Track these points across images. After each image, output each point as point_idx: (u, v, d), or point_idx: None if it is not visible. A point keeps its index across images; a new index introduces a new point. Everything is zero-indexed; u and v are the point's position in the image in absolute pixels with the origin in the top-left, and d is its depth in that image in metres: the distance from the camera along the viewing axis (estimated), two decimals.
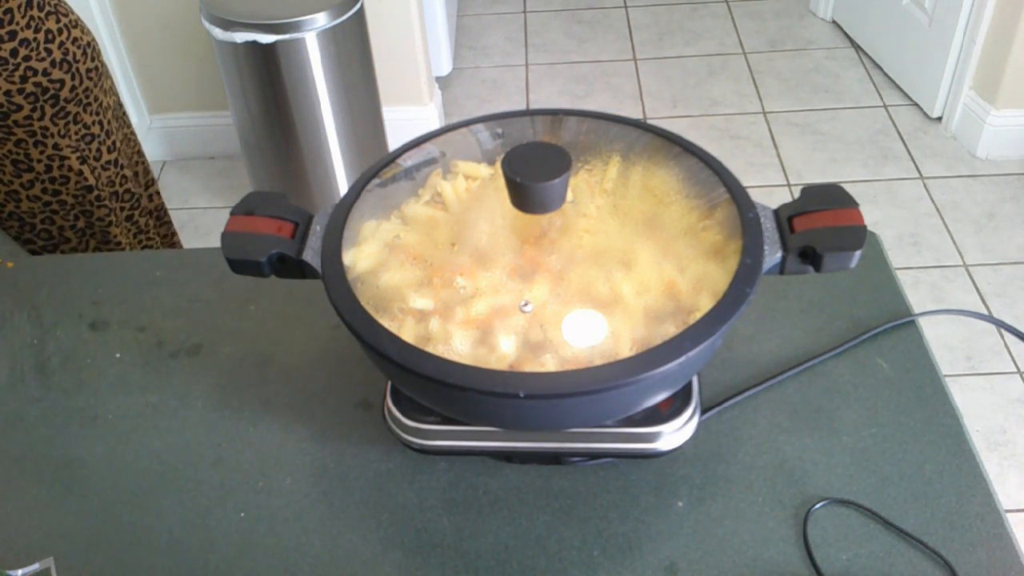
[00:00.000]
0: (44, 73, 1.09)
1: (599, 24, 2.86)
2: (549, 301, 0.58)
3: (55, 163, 1.16)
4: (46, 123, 1.13)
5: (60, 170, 1.17)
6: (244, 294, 0.84)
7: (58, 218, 1.20)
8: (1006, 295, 1.90)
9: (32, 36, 1.08)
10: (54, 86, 1.11)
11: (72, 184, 1.18)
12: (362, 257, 0.62)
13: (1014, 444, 1.63)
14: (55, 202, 1.19)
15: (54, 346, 0.81)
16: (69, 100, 1.14)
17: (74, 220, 1.21)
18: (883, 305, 0.79)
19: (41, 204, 1.18)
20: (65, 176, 1.17)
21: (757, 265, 0.57)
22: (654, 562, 0.63)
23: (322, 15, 1.71)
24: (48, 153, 1.15)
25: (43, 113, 1.12)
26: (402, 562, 0.64)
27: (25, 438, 0.74)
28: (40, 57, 1.09)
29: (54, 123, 1.13)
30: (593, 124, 0.69)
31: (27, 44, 1.07)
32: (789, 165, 2.28)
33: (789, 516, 0.65)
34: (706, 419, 0.70)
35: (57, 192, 1.18)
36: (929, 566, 0.61)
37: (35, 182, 1.16)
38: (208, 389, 0.76)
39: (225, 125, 2.28)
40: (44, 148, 1.14)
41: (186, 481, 0.70)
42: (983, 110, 2.21)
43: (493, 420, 0.62)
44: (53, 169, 1.16)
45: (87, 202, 1.21)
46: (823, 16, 2.81)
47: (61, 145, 1.15)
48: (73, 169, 1.17)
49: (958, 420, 0.70)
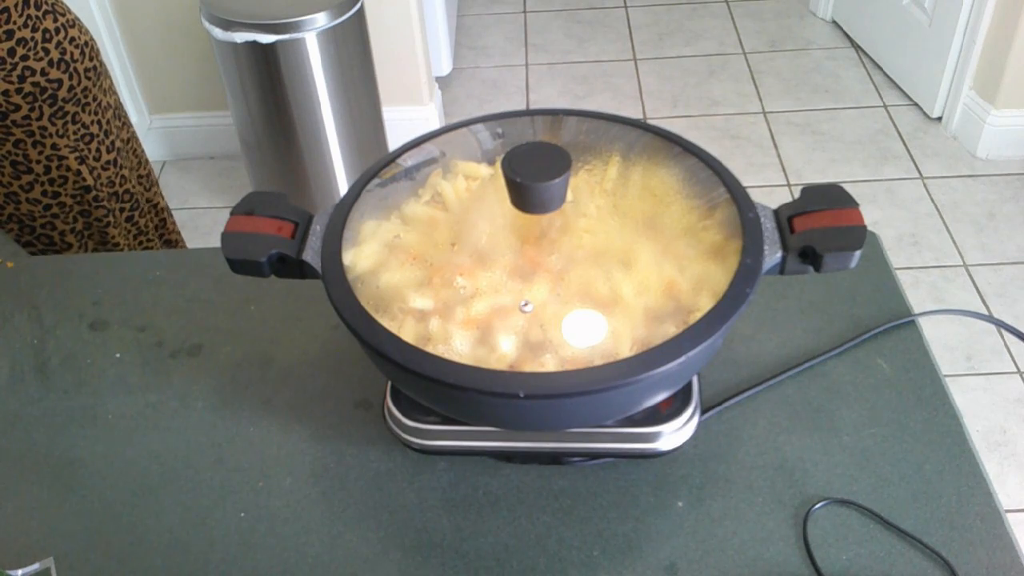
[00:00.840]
0: (42, 73, 1.09)
1: (599, 24, 2.86)
2: (549, 301, 0.58)
3: (53, 163, 1.15)
4: (44, 123, 1.12)
5: (59, 171, 1.16)
6: (244, 294, 0.84)
7: (58, 222, 1.20)
8: (1006, 295, 1.90)
9: (30, 35, 1.07)
10: (52, 86, 1.11)
11: (70, 184, 1.18)
12: (362, 257, 0.62)
13: (1014, 444, 1.63)
14: (55, 204, 1.18)
15: (54, 346, 0.81)
16: (67, 100, 1.13)
17: (73, 222, 1.21)
18: (883, 305, 0.79)
19: (41, 207, 1.18)
20: (63, 176, 1.17)
21: (757, 265, 0.57)
22: (654, 562, 0.63)
23: (322, 15, 1.71)
24: (47, 153, 1.14)
25: (41, 113, 1.11)
26: (402, 562, 0.64)
27: (25, 438, 0.74)
28: (38, 57, 1.08)
29: (52, 123, 1.13)
30: (593, 124, 0.69)
31: (24, 43, 1.06)
32: (789, 165, 2.28)
33: (789, 516, 0.65)
34: (706, 419, 0.70)
35: (56, 194, 1.17)
36: (929, 566, 0.61)
37: (34, 184, 1.15)
38: (208, 389, 0.76)
39: (225, 125, 2.28)
40: (43, 148, 1.14)
41: (186, 481, 0.70)
42: (983, 110, 2.21)
43: (493, 420, 0.62)
44: (52, 170, 1.16)
45: (85, 202, 1.20)
46: (823, 16, 2.81)
47: (59, 145, 1.15)
48: (71, 169, 1.17)
49: (958, 420, 0.70)
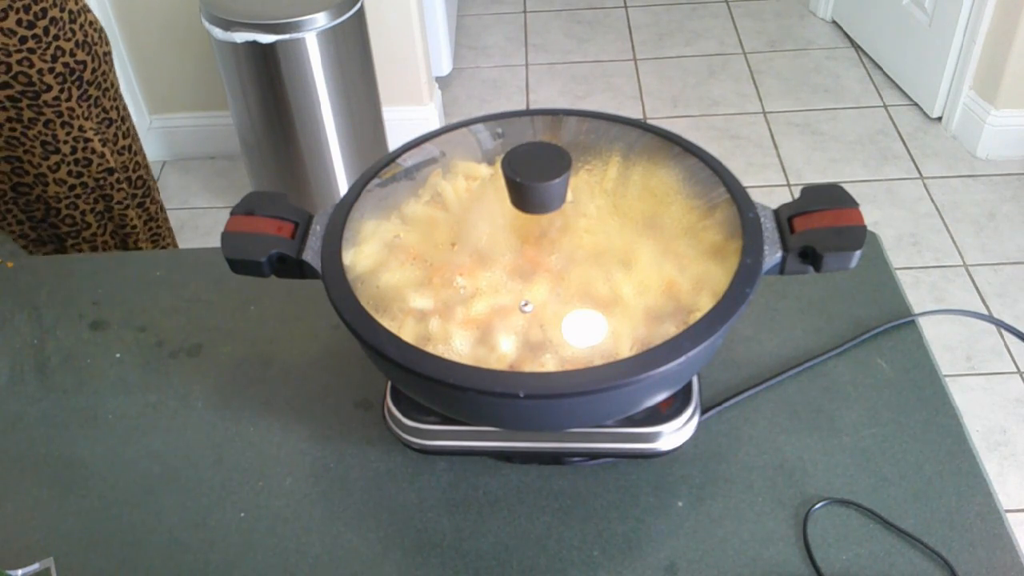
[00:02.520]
0: (71, 54, 1.12)
1: (599, 24, 2.86)
2: (549, 301, 0.58)
3: (79, 145, 1.19)
4: (72, 104, 1.15)
5: (84, 152, 1.19)
6: (244, 294, 0.84)
7: (81, 202, 1.23)
8: (1006, 295, 1.90)
9: (59, 15, 1.10)
10: (79, 67, 1.14)
11: (94, 167, 1.21)
12: (362, 257, 0.62)
13: (1014, 444, 1.63)
14: (79, 185, 1.21)
15: (54, 346, 0.81)
16: (90, 83, 1.17)
17: (94, 203, 1.24)
18: (883, 305, 0.79)
19: (66, 188, 1.21)
20: (88, 158, 1.20)
21: (757, 265, 0.57)
22: (654, 562, 0.63)
23: (322, 15, 1.71)
24: (74, 135, 1.18)
25: (70, 94, 1.14)
26: (402, 562, 0.64)
27: (25, 438, 0.74)
28: (67, 37, 1.11)
29: (79, 105, 1.16)
30: (593, 124, 0.69)
31: (56, 23, 1.10)
32: (789, 165, 2.28)
33: (789, 516, 0.65)
34: (706, 419, 0.70)
35: (80, 175, 1.21)
36: (929, 566, 0.61)
37: (61, 164, 1.18)
38: (208, 389, 0.76)
39: (225, 125, 2.28)
40: (70, 130, 1.17)
41: (186, 481, 0.70)
42: (983, 110, 2.21)
43: (493, 420, 0.62)
44: (78, 151, 1.19)
45: (108, 185, 1.24)
46: (823, 16, 2.81)
47: (85, 127, 1.18)
48: (96, 151, 1.20)
49: (958, 420, 0.70)
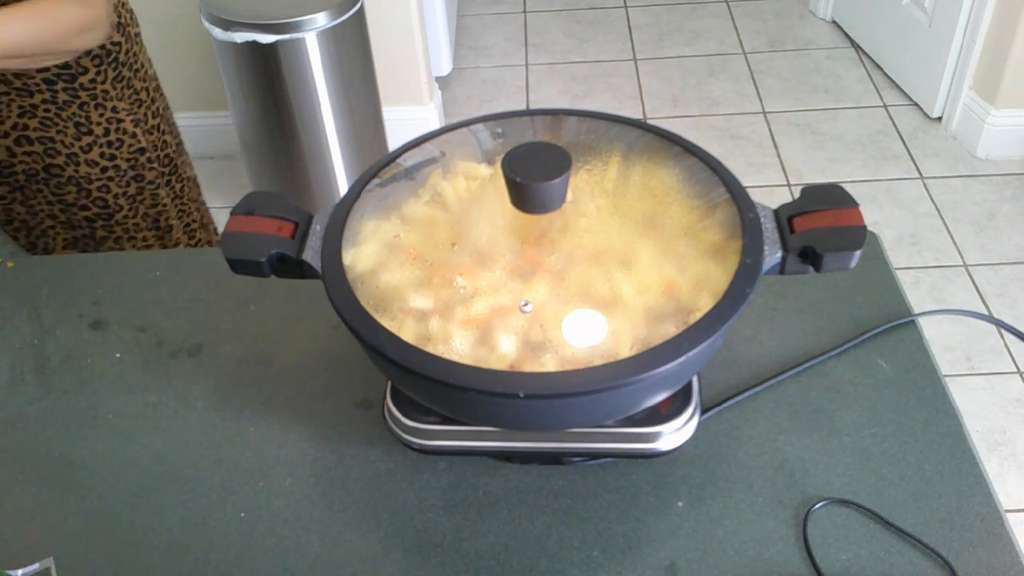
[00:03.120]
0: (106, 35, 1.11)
1: (599, 24, 2.86)
2: (549, 301, 0.58)
3: (112, 126, 1.19)
4: (107, 86, 1.15)
5: (116, 133, 1.20)
6: (244, 294, 0.84)
7: (113, 184, 1.23)
8: (1006, 295, 1.90)
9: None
10: (115, 49, 1.14)
11: (126, 148, 1.22)
12: (362, 257, 0.62)
13: (1014, 444, 1.63)
14: (111, 167, 1.22)
15: (54, 346, 0.81)
16: (123, 64, 1.17)
17: (126, 186, 1.25)
18: (883, 305, 0.79)
19: (99, 169, 1.21)
20: (120, 139, 1.20)
21: (757, 265, 0.57)
22: (654, 562, 0.63)
23: (322, 15, 1.71)
24: (107, 116, 1.18)
25: (106, 76, 1.14)
26: (402, 562, 0.64)
27: (25, 438, 0.74)
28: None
29: (114, 86, 1.16)
30: (593, 124, 0.69)
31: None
32: (789, 165, 2.28)
33: (789, 516, 0.65)
34: (706, 419, 0.70)
35: (112, 156, 1.21)
36: (929, 566, 0.61)
37: (93, 145, 1.19)
38: (208, 389, 0.76)
39: (225, 125, 2.28)
40: (104, 111, 1.17)
41: (186, 481, 0.70)
42: (983, 110, 2.21)
43: (493, 420, 0.62)
44: (111, 132, 1.19)
45: (139, 165, 1.24)
46: (823, 16, 2.81)
47: (119, 108, 1.18)
48: (128, 132, 1.21)
49: (958, 420, 0.70)
